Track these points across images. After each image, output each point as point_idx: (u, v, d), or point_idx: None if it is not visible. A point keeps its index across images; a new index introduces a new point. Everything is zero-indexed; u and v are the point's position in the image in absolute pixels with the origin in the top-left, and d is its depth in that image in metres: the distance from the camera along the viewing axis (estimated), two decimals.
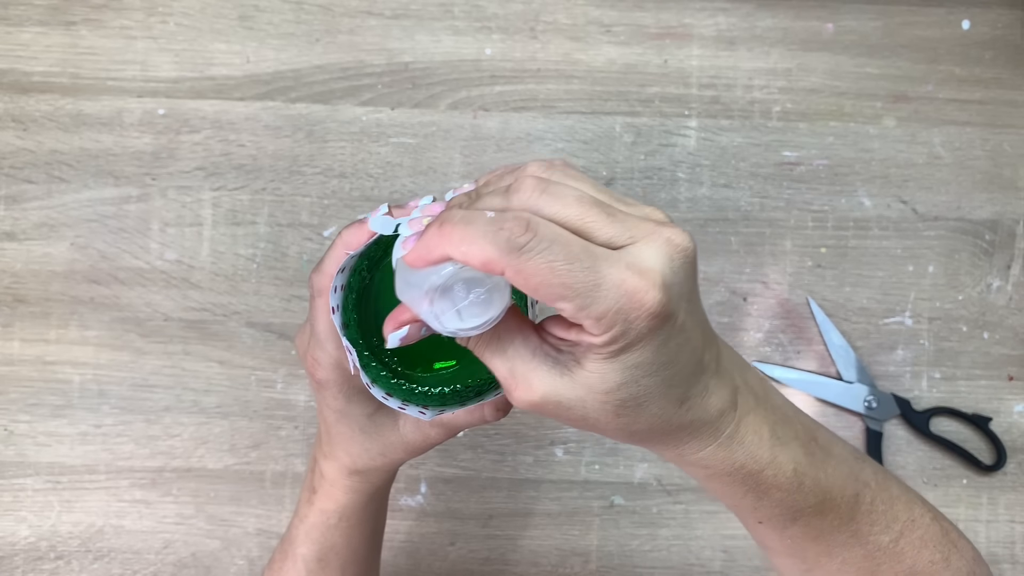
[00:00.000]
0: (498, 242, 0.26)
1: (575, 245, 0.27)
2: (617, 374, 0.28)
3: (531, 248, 0.26)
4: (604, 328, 0.27)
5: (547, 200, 0.28)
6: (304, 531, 0.45)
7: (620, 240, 0.28)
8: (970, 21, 0.65)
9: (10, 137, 0.64)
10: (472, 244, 0.26)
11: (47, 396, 0.63)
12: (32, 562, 0.62)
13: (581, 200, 0.28)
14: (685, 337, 0.29)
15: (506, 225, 0.26)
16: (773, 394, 0.34)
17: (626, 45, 0.64)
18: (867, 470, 0.35)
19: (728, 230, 0.64)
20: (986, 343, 0.63)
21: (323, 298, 0.39)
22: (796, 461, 0.33)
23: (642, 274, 0.27)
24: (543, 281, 0.26)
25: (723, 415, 0.31)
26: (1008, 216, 0.64)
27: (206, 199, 0.64)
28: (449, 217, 0.27)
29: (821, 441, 0.35)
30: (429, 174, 0.64)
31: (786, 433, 0.33)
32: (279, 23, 0.64)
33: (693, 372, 0.30)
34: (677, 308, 0.28)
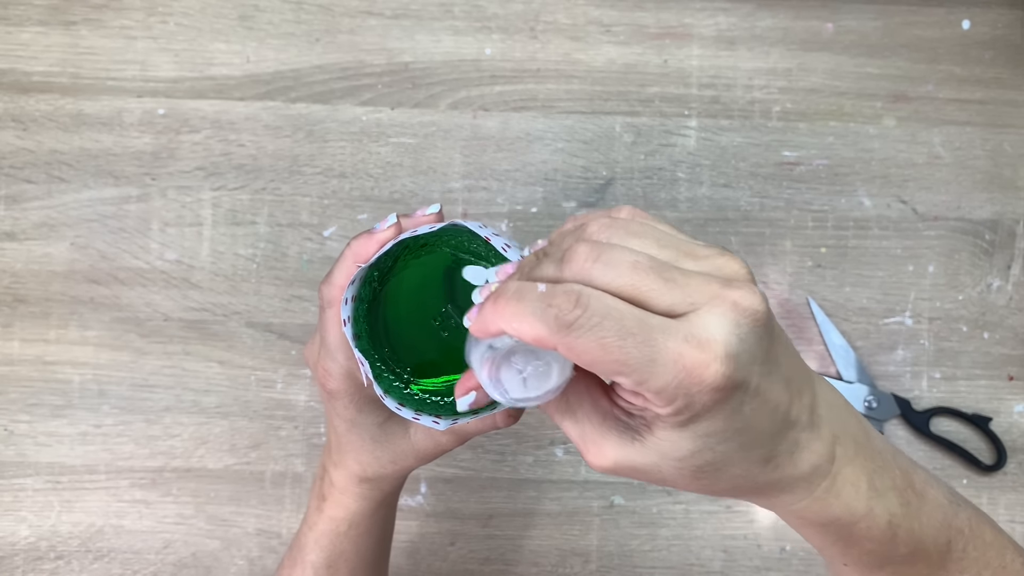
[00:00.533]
0: (547, 319, 0.25)
1: (629, 318, 0.25)
2: (688, 442, 0.27)
3: (581, 325, 0.25)
4: (666, 401, 0.26)
5: (600, 269, 0.27)
6: (314, 538, 0.45)
7: (680, 307, 0.26)
8: (970, 21, 0.65)
9: (10, 137, 0.64)
10: (522, 321, 0.26)
11: (47, 396, 0.63)
12: (32, 562, 0.62)
13: (636, 267, 0.27)
14: (762, 400, 0.27)
15: (555, 301, 0.26)
16: (874, 437, 0.33)
17: (626, 45, 0.64)
18: (961, 515, 0.34)
19: (728, 230, 0.64)
20: (986, 343, 0.63)
21: (333, 309, 0.39)
22: (891, 512, 0.31)
23: (702, 346, 0.25)
24: (596, 358, 0.25)
25: (817, 469, 0.30)
26: (1008, 216, 0.64)
27: (206, 199, 0.64)
28: (503, 291, 0.27)
29: (917, 486, 0.33)
30: (429, 174, 0.64)
31: (884, 482, 0.32)
32: (279, 23, 0.64)
33: (777, 431, 0.29)
34: (747, 375, 0.26)
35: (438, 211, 0.39)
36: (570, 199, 0.64)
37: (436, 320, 0.40)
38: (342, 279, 0.38)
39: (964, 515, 0.34)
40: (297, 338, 0.63)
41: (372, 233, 0.38)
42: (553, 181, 0.64)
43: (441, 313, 0.40)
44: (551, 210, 0.64)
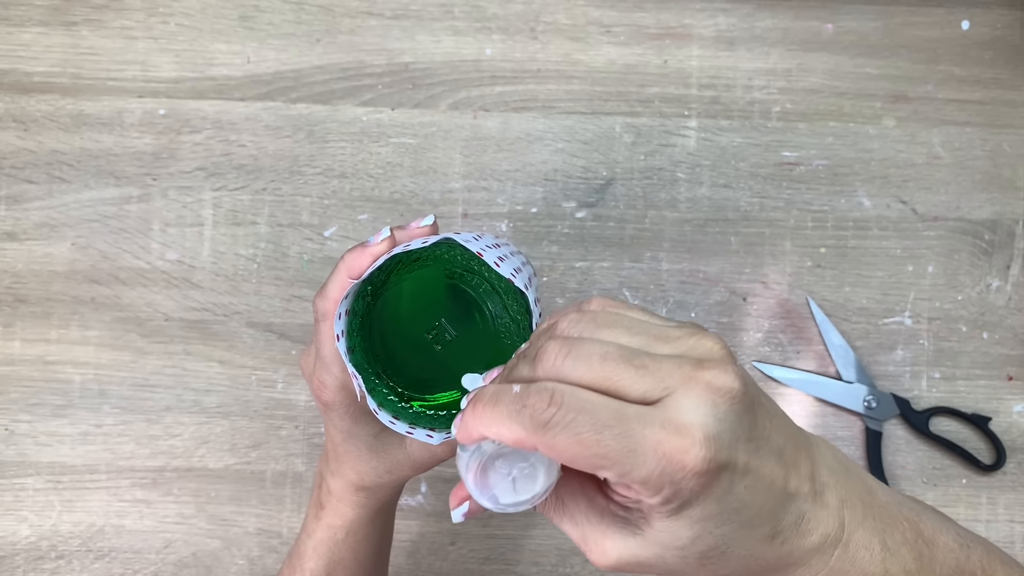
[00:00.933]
0: (523, 420, 0.26)
1: (604, 412, 0.25)
2: (686, 529, 0.27)
3: (556, 422, 0.25)
4: (653, 491, 0.26)
5: (571, 364, 0.27)
6: (312, 546, 0.46)
7: (654, 394, 0.26)
8: (970, 21, 0.65)
9: (11, 137, 0.64)
10: (500, 424, 0.26)
11: (48, 396, 0.63)
12: (33, 562, 0.62)
13: (606, 357, 0.27)
14: (754, 477, 0.27)
15: (529, 401, 0.26)
16: (878, 491, 0.32)
17: (626, 45, 0.65)
18: (973, 556, 0.34)
19: (728, 230, 0.64)
20: (985, 343, 0.63)
21: (327, 322, 0.39)
22: (907, 570, 0.31)
23: (680, 432, 0.25)
24: (575, 454, 0.25)
25: (828, 538, 0.29)
26: (1007, 216, 0.64)
27: (207, 199, 0.64)
28: (480, 396, 0.27)
29: (926, 534, 0.33)
30: (429, 174, 0.64)
31: (895, 539, 0.31)
32: (280, 23, 0.65)
33: (778, 505, 0.28)
34: (732, 455, 0.26)
35: (432, 223, 0.39)
36: (570, 199, 0.64)
37: (430, 334, 0.40)
38: (336, 292, 0.38)
39: (976, 556, 0.34)
40: (298, 338, 0.63)
41: (366, 246, 0.38)
42: (553, 181, 0.64)
43: (434, 327, 0.40)
44: (551, 210, 0.64)
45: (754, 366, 0.63)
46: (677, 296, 0.63)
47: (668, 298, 0.63)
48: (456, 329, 0.40)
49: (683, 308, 0.63)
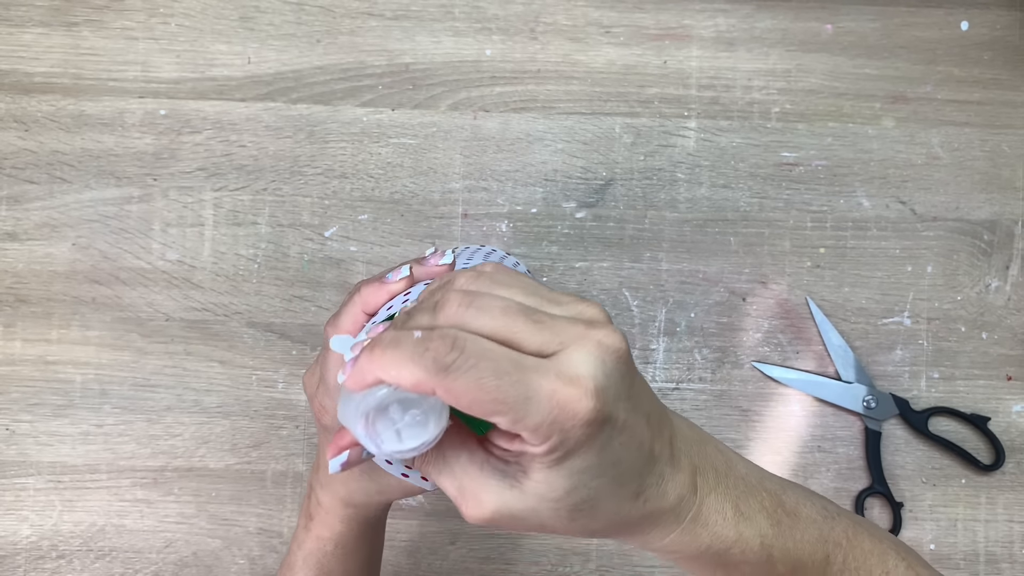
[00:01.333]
0: (425, 363, 0.26)
1: (503, 359, 0.27)
2: (564, 480, 0.28)
3: (458, 367, 0.26)
4: (541, 439, 0.27)
5: (473, 314, 0.28)
6: (302, 557, 0.46)
7: (550, 347, 0.27)
8: (969, 22, 0.65)
9: (12, 138, 0.64)
10: (400, 367, 0.26)
11: (49, 396, 0.63)
12: (34, 561, 0.63)
13: (507, 310, 0.28)
14: (629, 435, 0.29)
15: (431, 345, 0.26)
16: (737, 464, 0.34)
17: (626, 46, 0.65)
18: (837, 528, 0.35)
19: (727, 230, 0.64)
20: (984, 343, 0.63)
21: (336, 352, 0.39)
22: (763, 534, 0.33)
23: (573, 382, 0.27)
24: (474, 398, 0.26)
25: (683, 500, 0.31)
26: (1006, 216, 0.64)
27: (207, 199, 0.64)
28: (379, 340, 0.27)
29: (788, 506, 0.34)
30: (429, 174, 0.64)
31: (751, 506, 0.33)
32: (280, 24, 0.65)
33: (644, 464, 0.30)
34: (615, 410, 0.28)
35: (451, 262, 0.39)
36: (570, 200, 0.64)
37: None
38: (348, 324, 0.38)
39: (840, 527, 0.35)
40: (298, 338, 0.63)
41: (384, 283, 0.38)
42: (553, 182, 0.64)
43: None
44: (551, 211, 0.64)
45: (754, 366, 0.63)
46: (676, 296, 0.63)
47: (668, 298, 0.63)
48: None
49: (683, 308, 0.63)
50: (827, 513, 0.35)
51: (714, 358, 0.63)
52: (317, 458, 0.45)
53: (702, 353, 0.63)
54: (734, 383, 0.63)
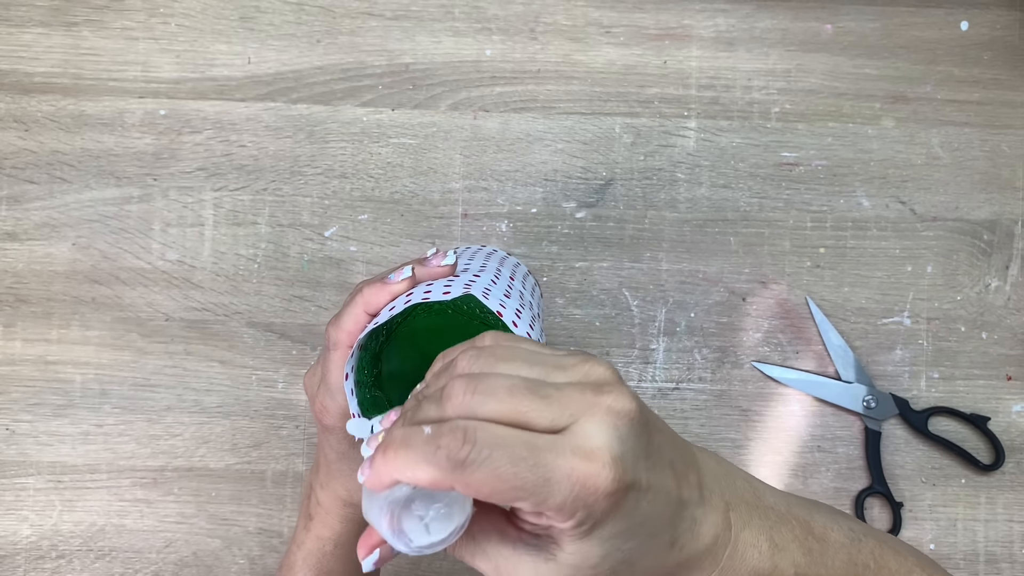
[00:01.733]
0: (439, 461, 0.26)
1: (517, 444, 0.26)
2: (597, 548, 0.28)
3: (472, 460, 0.26)
4: (566, 516, 0.27)
5: (480, 400, 0.27)
6: (302, 557, 0.46)
7: (561, 421, 0.27)
8: (968, 22, 0.65)
9: (12, 138, 0.64)
10: (415, 468, 0.26)
11: (49, 396, 0.63)
12: (34, 561, 0.63)
13: (513, 390, 0.27)
14: (654, 492, 0.28)
15: (443, 441, 0.26)
16: (765, 493, 0.34)
17: (625, 46, 0.65)
18: (864, 550, 0.35)
19: (727, 230, 0.64)
20: (984, 343, 0.63)
21: (338, 352, 0.39)
22: (796, 564, 0.33)
23: (589, 457, 0.26)
24: (493, 489, 0.26)
25: (718, 539, 0.31)
26: (1006, 216, 0.64)
27: (207, 199, 0.64)
28: (390, 441, 0.27)
29: (817, 531, 0.34)
30: (429, 174, 0.64)
31: (783, 536, 0.33)
32: (280, 24, 0.65)
33: (675, 514, 0.30)
34: (636, 474, 0.27)
35: (453, 263, 0.39)
36: (570, 200, 0.64)
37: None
38: (351, 325, 0.38)
39: (867, 548, 0.35)
40: (298, 338, 0.63)
41: (386, 283, 0.38)
42: (553, 182, 0.64)
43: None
44: (551, 211, 0.64)
45: (753, 366, 0.63)
46: (676, 296, 0.63)
47: (668, 298, 0.63)
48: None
49: (682, 308, 0.63)
50: (854, 535, 0.35)
51: (714, 358, 0.63)
52: (317, 458, 0.45)
53: (702, 353, 0.63)
54: (734, 383, 0.63)
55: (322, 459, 0.44)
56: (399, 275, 0.38)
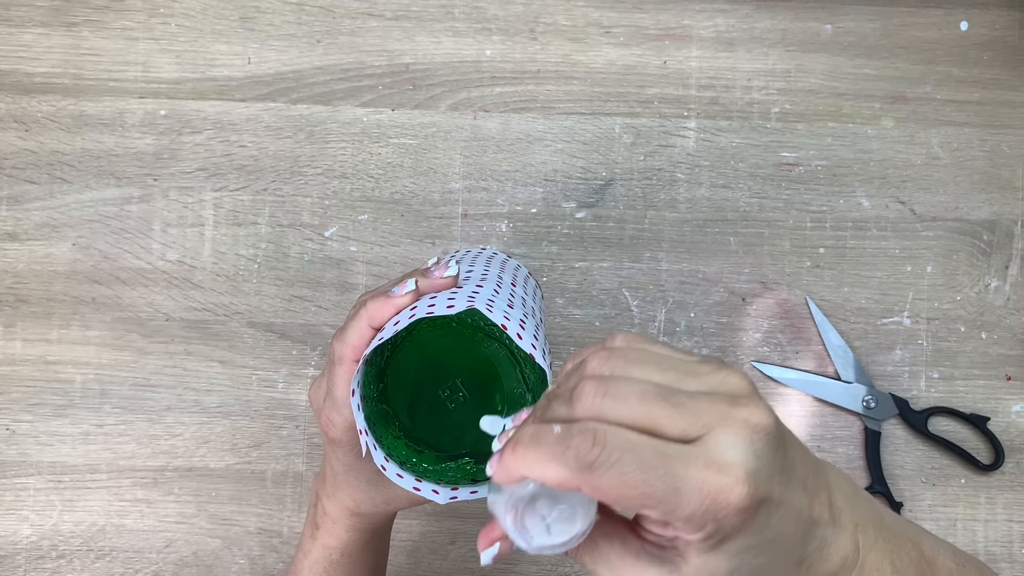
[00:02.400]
0: (567, 461, 0.26)
1: (647, 451, 0.26)
2: (724, 562, 0.28)
3: (601, 463, 0.25)
4: (695, 528, 0.26)
5: (610, 403, 0.27)
6: (308, 566, 0.46)
7: (693, 431, 0.27)
8: (968, 22, 0.65)
9: (12, 138, 0.64)
10: (544, 466, 0.26)
11: (49, 396, 0.63)
12: (34, 561, 0.63)
13: (644, 396, 0.27)
14: (786, 509, 0.28)
15: (573, 442, 0.26)
16: (886, 516, 0.33)
17: (625, 46, 0.65)
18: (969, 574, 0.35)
19: (727, 230, 0.64)
20: (984, 343, 0.63)
21: (344, 367, 0.39)
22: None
23: (723, 470, 0.26)
24: (621, 494, 0.26)
25: (846, 561, 0.30)
26: (1006, 216, 0.64)
27: (208, 200, 0.64)
28: (521, 437, 0.27)
29: (928, 555, 0.34)
30: (429, 175, 0.64)
31: (902, 561, 0.32)
32: (280, 24, 0.65)
33: (805, 533, 0.29)
34: (769, 490, 0.27)
35: (455, 274, 0.39)
36: (570, 200, 0.64)
37: (444, 392, 0.40)
38: (355, 339, 0.38)
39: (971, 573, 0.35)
40: (298, 338, 0.63)
41: (390, 297, 0.38)
42: (553, 182, 0.64)
43: (450, 385, 0.40)
44: (551, 211, 0.64)
45: (753, 366, 0.63)
46: (676, 296, 0.64)
47: (667, 298, 0.64)
48: (470, 391, 0.40)
49: (682, 308, 0.63)
50: (958, 560, 0.35)
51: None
52: (323, 469, 0.45)
53: (702, 353, 0.63)
54: None
55: (328, 470, 0.44)
56: (403, 288, 0.38)
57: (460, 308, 0.36)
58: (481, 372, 0.40)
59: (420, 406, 0.40)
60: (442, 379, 0.40)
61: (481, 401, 0.40)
